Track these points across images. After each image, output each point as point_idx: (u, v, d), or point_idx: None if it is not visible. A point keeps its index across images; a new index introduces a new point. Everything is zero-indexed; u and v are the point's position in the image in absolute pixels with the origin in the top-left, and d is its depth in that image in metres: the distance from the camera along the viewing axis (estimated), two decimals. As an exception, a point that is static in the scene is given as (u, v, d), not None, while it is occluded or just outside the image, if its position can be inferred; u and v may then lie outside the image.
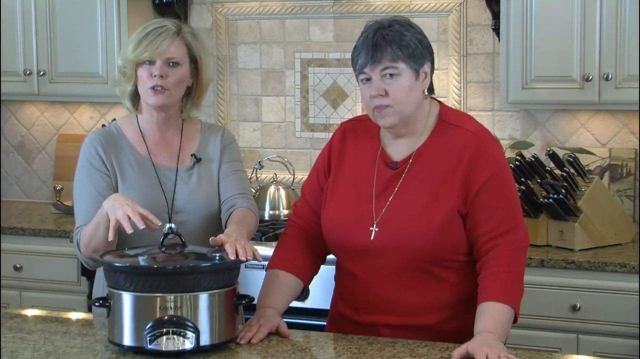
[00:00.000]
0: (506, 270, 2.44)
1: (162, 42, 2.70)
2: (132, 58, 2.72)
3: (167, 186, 2.78)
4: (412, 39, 2.48)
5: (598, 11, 3.67)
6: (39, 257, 4.22)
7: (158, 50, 2.70)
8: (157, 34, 2.71)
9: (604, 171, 4.00)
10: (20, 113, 4.99)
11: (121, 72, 2.78)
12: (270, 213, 4.19)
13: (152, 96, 2.72)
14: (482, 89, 4.21)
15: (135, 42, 2.72)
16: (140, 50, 2.70)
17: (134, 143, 2.81)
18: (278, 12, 4.47)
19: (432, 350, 2.40)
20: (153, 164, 2.79)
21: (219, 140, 2.86)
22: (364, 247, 2.53)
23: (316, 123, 4.47)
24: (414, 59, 2.48)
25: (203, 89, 2.84)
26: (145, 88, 2.73)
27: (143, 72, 2.72)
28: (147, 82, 2.71)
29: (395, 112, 2.48)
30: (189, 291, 2.31)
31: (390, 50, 2.46)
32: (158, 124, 2.81)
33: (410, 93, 2.49)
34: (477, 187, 2.48)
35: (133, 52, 2.71)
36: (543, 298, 3.50)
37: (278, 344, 2.46)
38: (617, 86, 3.67)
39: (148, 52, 2.70)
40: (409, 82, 2.48)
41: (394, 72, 2.47)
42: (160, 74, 2.70)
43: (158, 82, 2.70)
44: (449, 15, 4.21)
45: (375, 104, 2.49)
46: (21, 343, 2.47)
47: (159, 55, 2.70)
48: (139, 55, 2.70)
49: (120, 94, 2.81)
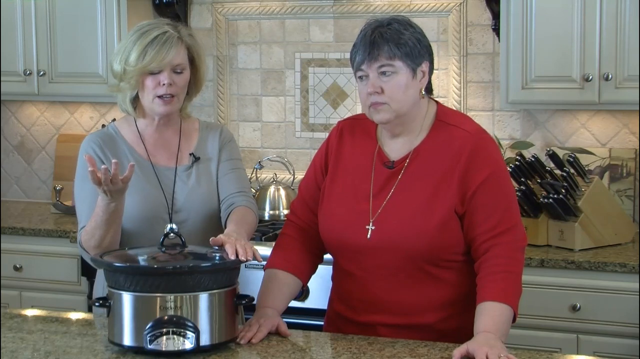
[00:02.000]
0: (505, 270, 2.44)
1: (169, 51, 2.68)
2: (139, 68, 2.68)
3: (167, 185, 2.78)
4: (411, 37, 2.48)
5: (598, 11, 3.67)
6: (39, 257, 4.22)
7: (165, 60, 2.67)
8: (161, 42, 2.68)
9: (604, 171, 4.00)
10: (20, 113, 4.99)
11: (123, 79, 2.73)
12: (270, 213, 4.19)
13: (161, 105, 2.71)
14: (482, 89, 4.21)
15: (138, 51, 2.68)
16: (147, 61, 2.67)
17: (133, 144, 2.80)
18: (278, 12, 4.47)
19: (432, 350, 2.40)
20: (152, 164, 2.79)
21: (217, 138, 2.86)
22: (360, 246, 2.53)
23: (316, 123, 4.47)
24: (412, 57, 2.48)
25: (200, 85, 2.84)
26: (151, 97, 2.71)
27: (150, 81, 2.70)
28: (154, 91, 2.70)
29: (390, 110, 2.49)
30: (189, 291, 2.31)
31: (388, 48, 2.46)
32: (158, 125, 2.81)
33: (407, 91, 2.49)
34: (475, 187, 2.48)
35: (138, 62, 2.67)
36: (543, 298, 3.50)
37: (278, 344, 2.46)
38: (617, 86, 3.67)
39: (156, 63, 2.67)
40: (406, 80, 2.48)
41: (390, 70, 2.47)
42: (169, 83, 2.69)
43: (168, 90, 2.69)
44: (449, 15, 4.21)
45: (372, 101, 2.50)
46: (21, 343, 2.47)
47: (166, 65, 2.68)
48: (147, 65, 2.67)
49: (121, 99, 2.78)
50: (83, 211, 2.74)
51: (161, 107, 2.72)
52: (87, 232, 2.66)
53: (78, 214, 2.78)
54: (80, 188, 2.77)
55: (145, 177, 2.77)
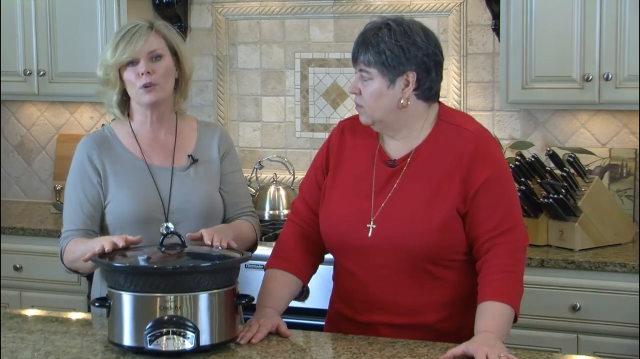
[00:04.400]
0: (506, 269, 2.44)
1: (139, 39, 2.71)
2: (114, 62, 2.71)
3: (162, 186, 2.77)
4: (393, 47, 2.46)
5: (598, 11, 3.67)
6: (39, 257, 4.22)
7: (137, 47, 2.70)
8: (131, 34, 2.72)
9: (604, 171, 4.00)
10: (20, 113, 4.99)
11: (104, 81, 2.77)
12: (270, 213, 4.19)
13: (144, 94, 2.72)
14: (482, 89, 4.21)
15: (112, 47, 2.73)
16: (119, 53, 2.70)
17: (127, 145, 2.80)
18: (278, 12, 4.47)
19: (432, 350, 2.40)
20: (147, 165, 2.79)
21: (217, 142, 2.86)
22: (361, 244, 2.53)
23: (316, 123, 4.47)
24: (389, 67, 2.46)
25: (188, 79, 2.84)
26: (135, 89, 2.73)
27: (129, 74, 2.72)
28: (136, 82, 2.72)
29: (366, 114, 2.53)
30: (189, 291, 2.31)
31: (366, 54, 2.48)
32: (152, 123, 2.80)
33: (379, 99, 2.49)
34: (477, 187, 2.48)
35: (113, 57, 2.71)
36: (543, 298, 3.50)
37: (278, 344, 2.46)
38: (617, 86, 3.67)
39: (128, 52, 2.70)
40: (379, 88, 2.48)
41: (367, 75, 2.49)
42: (147, 71, 2.70)
43: (147, 79, 2.70)
44: (449, 15, 4.21)
45: (354, 101, 2.55)
46: (21, 343, 2.47)
47: (139, 53, 2.71)
48: (120, 57, 2.71)
49: (107, 103, 2.81)
50: (68, 214, 2.78)
51: (145, 96, 2.73)
52: (70, 252, 2.71)
53: (64, 214, 2.82)
54: (70, 190, 2.80)
55: (140, 178, 2.76)
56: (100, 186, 2.76)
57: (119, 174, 2.76)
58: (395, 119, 2.52)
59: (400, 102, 2.50)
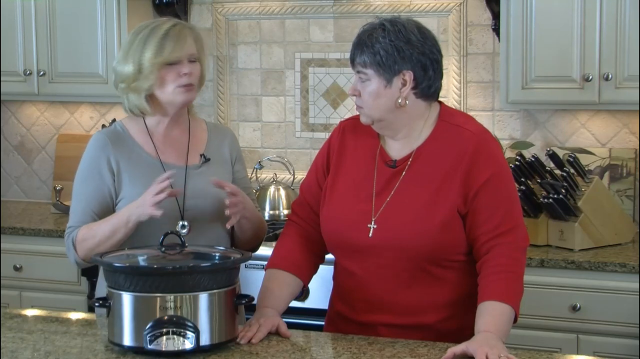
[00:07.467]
0: (506, 270, 2.44)
1: (186, 41, 2.72)
2: (160, 61, 2.70)
3: (177, 184, 2.76)
4: (387, 46, 2.47)
5: (598, 11, 3.67)
6: (39, 257, 4.22)
7: (184, 49, 2.71)
8: (175, 32, 2.72)
9: (604, 171, 4.00)
10: (20, 113, 4.99)
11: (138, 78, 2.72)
12: (270, 213, 4.19)
13: (182, 93, 2.73)
14: (482, 89, 4.21)
15: (155, 45, 2.69)
16: (167, 52, 2.69)
17: (141, 142, 2.80)
18: (278, 12, 4.47)
19: (432, 350, 2.40)
20: (162, 163, 2.79)
21: (228, 146, 2.89)
22: (362, 245, 2.53)
23: (316, 123, 4.47)
24: (384, 66, 2.47)
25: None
26: (171, 87, 2.72)
27: (169, 74, 2.71)
28: (175, 81, 2.72)
29: (365, 114, 2.53)
30: (189, 291, 2.31)
31: (361, 55, 2.49)
32: (169, 122, 2.80)
33: (378, 99, 2.50)
34: (477, 187, 2.48)
35: (157, 56, 2.69)
36: (543, 298, 3.50)
37: (278, 344, 2.46)
38: (617, 86, 3.67)
39: (177, 53, 2.70)
40: (377, 88, 2.49)
41: (364, 77, 2.50)
42: (190, 72, 2.72)
43: (188, 79, 2.72)
44: (449, 15, 4.21)
45: (354, 102, 2.56)
46: (21, 343, 2.47)
47: (184, 55, 2.72)
48: (168, 57, 2.70)
49: (135, 99, 2.76)
50: (77, 211, 2.75)
51: (182, 95, 2.74)
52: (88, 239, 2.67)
53: (71, 211, 2.77)
54: (80, 186, 2.77)
55: (154, 176, 2.74)
56: (114, 182, 2.75)
57: (133, 171, 2.75)
58: (395, 118, 2.52)
59: (399, 102, 2.50)
